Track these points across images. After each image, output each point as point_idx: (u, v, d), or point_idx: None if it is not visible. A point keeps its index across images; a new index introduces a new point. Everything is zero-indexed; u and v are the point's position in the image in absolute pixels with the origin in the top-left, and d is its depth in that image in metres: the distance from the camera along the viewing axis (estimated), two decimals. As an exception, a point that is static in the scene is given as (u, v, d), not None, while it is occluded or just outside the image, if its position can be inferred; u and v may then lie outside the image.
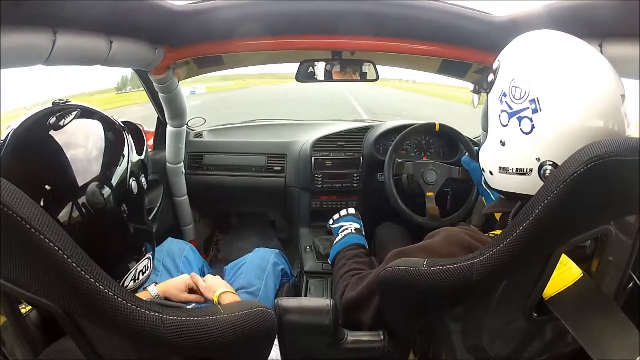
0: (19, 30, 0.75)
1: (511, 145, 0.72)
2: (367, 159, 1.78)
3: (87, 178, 0.58)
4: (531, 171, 0.70)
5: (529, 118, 0.68)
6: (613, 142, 0.55)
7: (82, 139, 0.60)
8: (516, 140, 0.71)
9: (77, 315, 0.48)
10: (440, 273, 0.66)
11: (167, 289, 1.07)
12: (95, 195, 0.58)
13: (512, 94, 0.71)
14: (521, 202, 0.76)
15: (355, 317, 0.95)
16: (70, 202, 0.56)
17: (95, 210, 0.58)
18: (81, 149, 0.59)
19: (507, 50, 0.77)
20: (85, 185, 0.58)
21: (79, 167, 0.58)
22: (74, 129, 0.60)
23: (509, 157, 0.73)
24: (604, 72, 0.66)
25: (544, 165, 0.67)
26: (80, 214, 0.57)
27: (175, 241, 1.51)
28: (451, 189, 1.60)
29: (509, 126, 0.72)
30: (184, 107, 1.71)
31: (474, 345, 0.76)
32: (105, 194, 0.60)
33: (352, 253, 1.16)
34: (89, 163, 0.59)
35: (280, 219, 2.27)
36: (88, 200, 0.57)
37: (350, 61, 1.49)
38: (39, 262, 0.44)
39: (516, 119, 0.70)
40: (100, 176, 0.59)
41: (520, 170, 0.71)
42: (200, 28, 1.26)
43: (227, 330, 0.54)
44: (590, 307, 0.63)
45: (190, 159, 1.94)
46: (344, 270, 1.09)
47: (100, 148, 0.61)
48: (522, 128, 0.69)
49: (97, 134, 0.63)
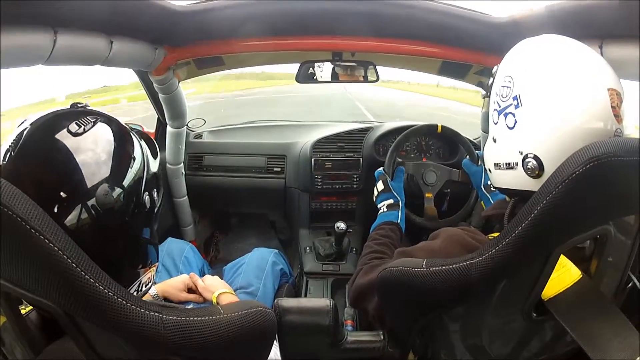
0: (19, 30, 0.75)
1: (500, 141, 0.76)
2: (367, 160, 1.78)
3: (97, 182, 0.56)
4: (517, 165, 0.72)
5: (512, 114, 0.72)
6: (612, 142, 0.55)
7: (95, 145, 0.58)
8: (503, 135, 0.75)
9: (77, 316, 0.48)
10: (440, 273, 0.67)
11: (166, 288, 1.07)
12: (107, 198, 0.57)
13: (502, 93, 0.75)
14: (514, 200, 0.78)
15: (362, 304, 0.97)
16: (79, 206, 0.54)
17: (104, 218, 0.56)
18: (91, 154, 0.57)
19: (506, 56, 0.79)
20: (95, 189, 0.56)
21: (89, 172, 0.56)
22: (89, 136, 0.58)
23: (499, 153, 0.76)
24: (586, 70, 0.67)
25: (527, 158, 0.70)
26: (90, 219, 0.55)
27: (175, 241, 1.50)
28: (450, 191, 1.60)
29: (498, 123, 0.76)
30: (184, 108, 1.72)
31: (474, 346, 0.76)
32: (116, 202, 0.58)
33: (378, 234, 1.16)
34: (99, 168, 0.57)
35: (280, 220, 2.27)
36: (98, 203, 0.56)
37: (351, 62, 1.50)
38: (39, 262, 0.44)
39: (503, 115, 0.74)
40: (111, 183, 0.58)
41: (509, 165, 0.74)
42: (200, 28, 1.26)
43: (227, 331, 0.54)
44: (590, 308, 0.63)
45: (190, 160, 1.94)
46: (363, 253, 1.11)
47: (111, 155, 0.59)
48: (508, 124, 0.73)
49: (110, 141, 0.60)
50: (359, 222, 1.83)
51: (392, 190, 1.29)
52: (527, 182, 0.71)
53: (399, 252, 0.88)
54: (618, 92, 0.66)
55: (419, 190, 1.46)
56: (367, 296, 0.94)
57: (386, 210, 1.26)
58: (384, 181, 1.32)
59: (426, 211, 1.43)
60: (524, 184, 0.72)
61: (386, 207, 1.26)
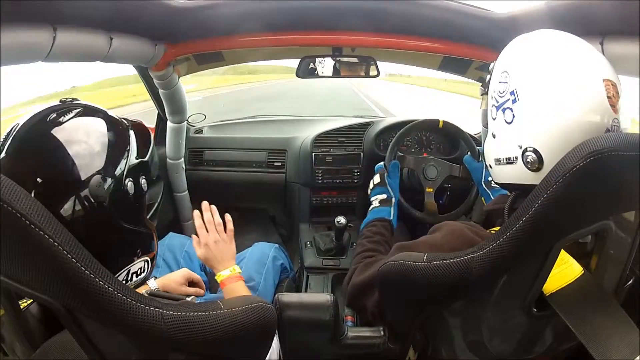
0: (19, 27, 0.75)
1: (500, 136, 0.77)
2: (367, 154, 1.78)
3: (87, 173, 0.58)
4: (517, 159, 0.73)
5: (510, 109, 0.73)
6: (612, 137, 0.55)
7: (83, 135, 0.60)
8: (502, 130, 0.75)
9: (77, 311, 0.48)
10: (440, 267, 0.67)
11: (166, 282, 1.08)
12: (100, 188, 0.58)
13: (499, 89, 0.76)
14: (515, 193, 0.79)
15: (360, 302, 0.97)
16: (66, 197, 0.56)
17: (90, 206, 0.58)
18: (81, 145, 0.59)
19: (502, 52, 0.80)
20: (87, 180, 0.58)
21: (78, 163, 0.57)
22: (74, 126, 0.60)
23: (499, 148, 0.77)
24: (582, 63, 0.67)
25: (526, 152, 0.70)
26: (80, 208, 0.57)
27: (176, 236, 1.51)
28: (451, 187, 1.59)
29: (497, 119, 0.77)
30: (184, 103, 1.71)
31: (474, 341, 0.76)
32: (100, 191, 0.59)
33: (371, 231, 1.15)
34: (86, 159, 0.59)
35: (280, 215, 2.27)
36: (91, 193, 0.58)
37: (351, 57, 1.49)
38: (38, 257, 0.44)
39: (501, 111, 0.75)
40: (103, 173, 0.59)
41: (509, 160, 0.75)
42: (200, 24, 1.25)
43: (227, 326, 0.54)
44: (591, 304, 0.64)
45: (190, 155, 1.94)
46: (358, 251, 1.10)
47: (98, 145, 0.61)
48: (506, 119, 0.74)
49: (98, 131, 0.62)
50: (360, 216, 1.82)
51: (387, 186, 1.28)
52: (528, 176, 0.71)
53: (398, 247, 0.88)
54: (614, 83, 0.66)
55: (420, 184, 1.46)
56: (366, 293, 0.94)
57: (378, 206, 1.24)
58: (381, 175, 1.30)
59: (426, 206, 1.43)
60: (524, 178, 0.72)
61: (378, 202, 1.25)
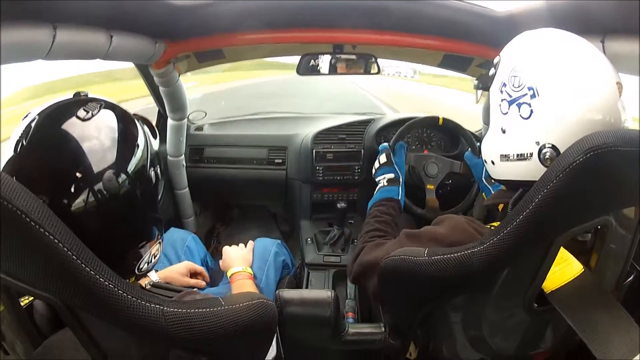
0: (19, 25, 0.75)
1: (511, 131, 0.75)
2: (368, 151, 1.78)
3: (102, 166, 0.56)
4: (531, 155, 0.72)
5: (527, 104, 0.71)
6: (612, 133, 0.55)
7: (100, 130, 0.59)
8: (516, 126, 0.74)
9: (78, 308, 0.48)
10: (441, 262, 0.67)
11: (168, 274, 1.09)
12: (112, 182, 0.57)
13: (512, 83, 0.74)
14: (522, 189, 0.77)
15: (363, 282, 0.96)
16: (87, 190, 0.55)
17: (112, 196, 0.57)
18: (100, 140, 0.58)
19: (507, 46, 0.79)
20: (102, 173, 0.56)
21: (95, 158, 0.56)
22: (94, 122, 0.59)
23: (509, 144, 0.75)
24: (598, 61, 0.68)
25: (544, 148, 0.69)
26: (96, 201, 0.55)
27: (177, 231, 1.52)
28: (452, 183, 1.60)
29: (509, 114, 0.75)
30: (184, 100, 1.71)
31: (475, 337, 0.77)
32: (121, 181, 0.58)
33: (379, 210, 1.14)
34: (104, 153, 0.57)
35: (281, 212, 2.27)
36: (105, 187, 0.56)
37: (352, 54, 1.49)
38: (39, 255, 0.44)
39: (516, 105, 0.73)
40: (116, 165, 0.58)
41: (521, 156, 0.73)
42: (200, 22, 1.25)
43: (228, 323, 0.54)
44: (591, 302, 0.64)
45: (191, 152, 1.93)
46: (365, 230, 1.09)
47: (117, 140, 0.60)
48: (522, 114, 0.72)
49: (114, 126, 0.61)
50: (360, 213, 1.83)
51: (394, 165, 1.27)
52: (539, 173, 0.69)
53: (405, 234, 0.87)
54: (620, 83, 0.67)
55: (421, 181, 1.46)
56: (369, 274, 0.93)
57: (386, 185, 1.23)
58: (387, 155, 1.29)
59: (428, 202, 1.43)
60: (534, 174, 0.69)
61: (386, 181, 1.24)
